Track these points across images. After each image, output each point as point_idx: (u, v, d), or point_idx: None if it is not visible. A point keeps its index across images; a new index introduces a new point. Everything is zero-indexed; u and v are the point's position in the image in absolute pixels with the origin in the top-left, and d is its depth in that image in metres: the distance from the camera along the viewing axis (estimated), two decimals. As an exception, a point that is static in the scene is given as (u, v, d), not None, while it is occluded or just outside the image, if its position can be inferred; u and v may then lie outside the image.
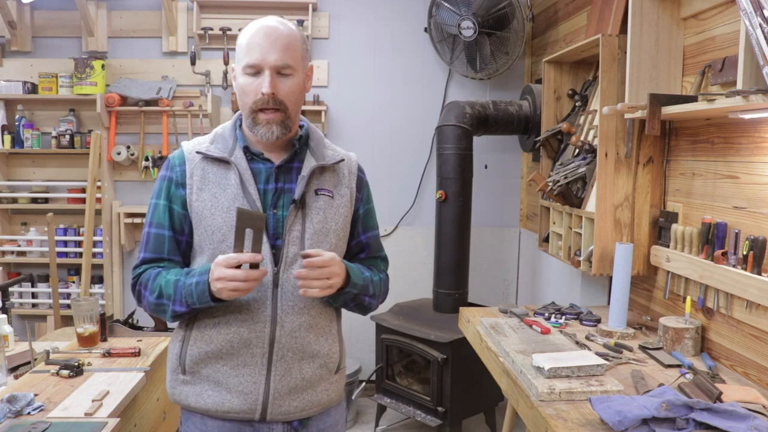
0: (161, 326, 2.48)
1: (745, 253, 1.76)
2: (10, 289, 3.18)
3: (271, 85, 1.38)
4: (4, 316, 2.25)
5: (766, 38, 1.42)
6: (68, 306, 3.60)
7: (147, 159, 3.80)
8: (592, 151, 2.57)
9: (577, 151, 2.79)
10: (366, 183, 1.60)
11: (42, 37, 3.88)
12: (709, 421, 1.35)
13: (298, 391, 1.44)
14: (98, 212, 3.76)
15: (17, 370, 2.03)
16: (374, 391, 3.48)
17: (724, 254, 1.87)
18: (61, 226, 3.85)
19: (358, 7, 3.94)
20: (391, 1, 3.94)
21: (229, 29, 3.80)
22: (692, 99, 1.91)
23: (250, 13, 3.84)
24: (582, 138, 2.73)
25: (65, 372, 1.89)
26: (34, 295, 3.90)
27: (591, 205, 2.52)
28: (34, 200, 3.84)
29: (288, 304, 1.42)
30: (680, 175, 2.25)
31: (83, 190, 3.76)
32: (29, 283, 3.89)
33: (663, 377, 1.78)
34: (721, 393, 1.56)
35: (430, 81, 3.98)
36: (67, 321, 3.51)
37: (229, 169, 1.44)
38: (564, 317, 2.37)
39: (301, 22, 3.80)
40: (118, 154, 3.80)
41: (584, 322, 2.34)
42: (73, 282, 3.91)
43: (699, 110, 1.84)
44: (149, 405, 2.09)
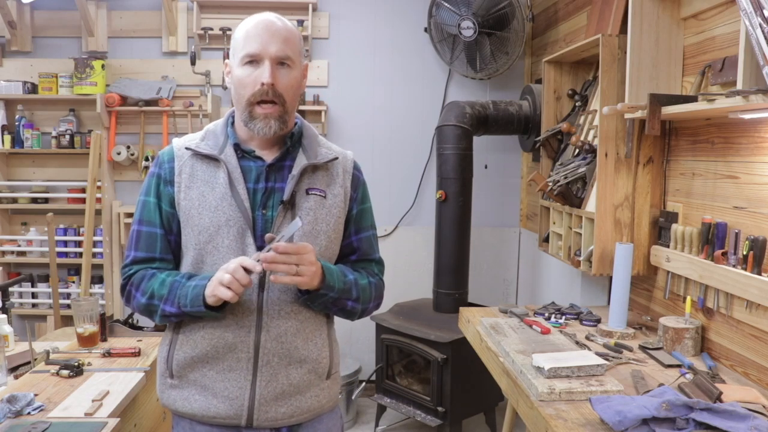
0: (161, 326, 2.48)
1: (745, 253, 1.76)
2: (10, 289, 3.18)
3: (272, 75, 1.34)
4: (4, 316, 2.25)
5: (766, 38, 1.42)
6: (68, 306, 3.60)
7: (147, 159, 3.80)
8: (592, 151, 2.57)
9: (577, 151, 2.79)
10: (363, 182, 1.54)
11: (42, 37, 3.88)
12: (709, 421, 1.35)
13: (285, 397, 1.40)
14: (98, 212, 3.76)
15: (17, 370, 2.03)
16: (374, 391, 3.48)
17: (724, 254, 1.87)
18: (61, 226, 3.85)
19: (358, 7, 3.94)
20: (391, 1, 3.94)
21: (229, 29, 3.79)
22: (692, 99, 1.91)
23: (250, 14, 3.73)
24: (582, 138, 2.73)
25: (65, 372, 1.89)
26: (34, 295, 3.90)
27: (591, 205, 2.52)
28: (34, 200, 3.84)
29: (274, 309, 1.38)
30: (680, 175, 2.25)
31: (83, 190, 3.76)
32: (29, 283, 3.89)
33: (663, 377, 1.78)
34: (721, 393, 1.56)
35: (430, 81, 3.98)
36: (67, 321, 3.51)
37: (219, 167, 1.40)
38: (564, 317, 2.37)
39: (301, 22, 3.80)
40: (118, 154, 3.80)
41: (584, 322, 2.34)
42: (73, 282, 3.91)
43: (699, 110, 1.84)
44: (149, 405, 2.09)
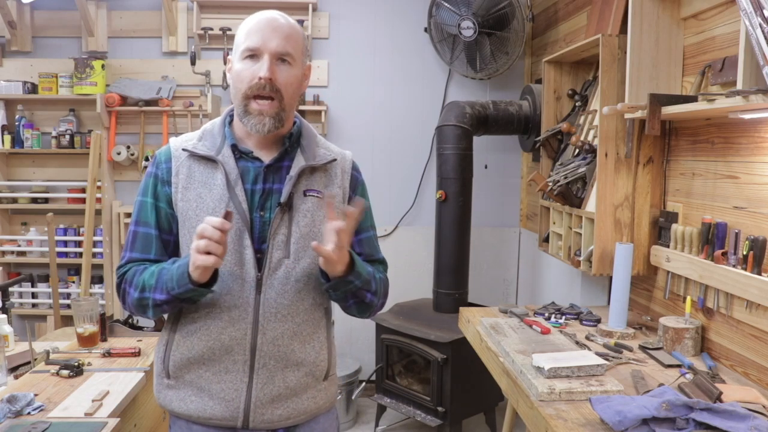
0: (161, 326, 2.47)
1: (745, 253, 1.76)
2: (10, 289, 3.18)
3: (270, 70, 1.32)
4: (4, 316, 2.25)
5: (766, 38, 1.42)
6: (68, 306, 3.60)
7: (147, 159, 3.80)
8: (592, 151, 2.57)
9: (577, 151, 2.79)
10: (362, 182, 1.53)
11: (42, 37, 3.88)
12: (709, 421, 1.35)
13: (281, 399, 1.39)
14: (98, 212, 3.76)
15: (17, 370, 2.03)
16: (374, 391, 3.48)
17: (724, 254, 1.87)
18: (61, 226, 3.85)
19: (358, 7, 3.94)
20: (391, 1, 3.94)
21: (229, 29, 3.80)
22: (692, 99, 1.91)
23: (250, 14, 3.79)
24: (582, 138, 2.73)
25: (65, 372, 1.89)
26: (34, 295, 3.90)
27: (591, 205, 2.52)
28: (34, 200, 3.84)
29: (270, 311, 1.36)
30: (680, 175, 2.25)
31: (83, 190, 3.76)
32: (29, 283, 3.89)
33: (663, 377, 1.78)
34: (721, 393, 1.56)
35: (430, 81, 3.98)
36: (67, 321, 3.51)
37: (216, 168, 1.38)
38: (564, 317, 2.37)
39: (301, 22, 3.80)
40: (118, 154, 3.80)
41: (584, 322, 2.34)
42: (73, 282, 3.91)
43: (699, 110, 1.84)
44: (149, 405, 2.09)
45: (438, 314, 3.35)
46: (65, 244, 3.84)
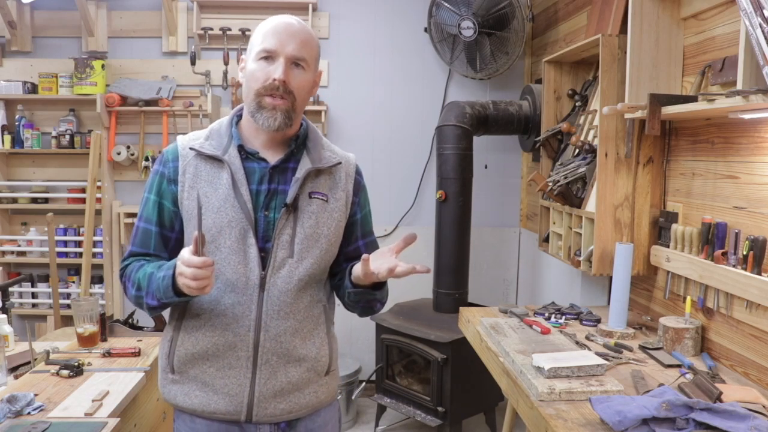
0: (161, 326, 2.48)
1: (745, 253, 1.76)
2: (10, 289, 3.18)
3: (285, 73, 1.35)
4: (4, 316, 2.25)
5: (766, 38, 1.42)
6: (68, 306, 3.60)
7: (147, 159, 3.80)
8: (592, 151, 2.57)
9: (577, 151, 2.79)
10: (363, 186, 1.55)
11: (42, 37, 3.88)
12: (709, 421, 1.35)
13: (284, 394, 1.42)
14: (98, 212, 3.76)
15: (17, 370, 2.02)
16: (374, 391, 3.48)
17: (724, 254, 1.87)
18: (61, 226, 3.85)
19: (358, 7, 3.94)
20: (391, 1, 3.94)
21: (229, 29, 3.80)
22: (692, 99, 1.91)
23: (250, 14, 3.84)
24: (582, 138, 2.73)
25: (65, 372, 1.89)
26: (34, 295, 3.90)
27: (591, 205, 2.52)
28: (34, 200, 3.84)
29: (273, 309, 1.39)
30: (680, 175, 2.25)
31: (83, 190, 3.76)
32: (29, 283, 3.89)
33: (663, 377, 1.78)
34: (721, 393, 1.56)
35: (430, 81, 3.98)
36: (67, 321, 3.51)
37: (222, 167, 1.40)
38: (564, 317, 2.37)
39: (301, 22, 3.80)
40: (118, 154, 3.80)
41: (584, 322, 2.34)
42: (73, 282, 3.91)
43: (699, 110, 1.84)
44: (149, 405, 2.09)
45: (438, 314, 3.35)
46: (65, 244, 3.84)
